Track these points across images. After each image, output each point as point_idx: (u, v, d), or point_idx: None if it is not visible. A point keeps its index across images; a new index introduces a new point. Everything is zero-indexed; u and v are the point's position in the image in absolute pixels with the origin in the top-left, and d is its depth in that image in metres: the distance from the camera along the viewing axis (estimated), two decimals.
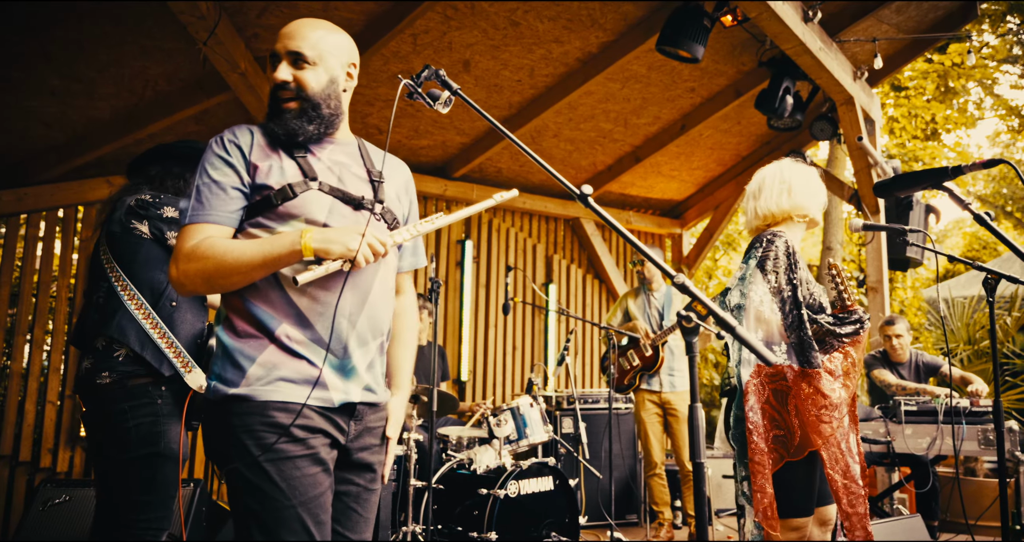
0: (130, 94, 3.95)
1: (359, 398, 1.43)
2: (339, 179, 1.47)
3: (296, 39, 1.44)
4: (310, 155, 1.47)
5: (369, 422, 1.48)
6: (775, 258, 2.03)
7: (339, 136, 1.53)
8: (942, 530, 4.21)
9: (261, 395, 1.33)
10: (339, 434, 1.41)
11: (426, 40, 4.09)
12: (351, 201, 1.45)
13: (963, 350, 5.68)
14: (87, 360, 2.06)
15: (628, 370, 4.39)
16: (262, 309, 1.38)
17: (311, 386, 1.35)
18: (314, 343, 1.38)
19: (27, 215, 4.24)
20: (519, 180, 5.94)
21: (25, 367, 4.14)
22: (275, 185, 1.39)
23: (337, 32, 1.50)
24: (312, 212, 1.40)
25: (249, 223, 1.41)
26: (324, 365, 1.37)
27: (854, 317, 2.05)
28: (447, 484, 3.49)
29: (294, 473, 1.31)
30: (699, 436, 1.20)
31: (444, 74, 1.47)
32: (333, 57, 1.47)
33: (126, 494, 1.99)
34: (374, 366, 1.48)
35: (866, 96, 4.98)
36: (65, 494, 3.05)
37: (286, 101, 1.43)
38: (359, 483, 1.47)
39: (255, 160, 1.42)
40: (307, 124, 1.43)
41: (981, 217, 1.50)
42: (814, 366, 1.93)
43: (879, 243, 4.99)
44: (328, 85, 1.46)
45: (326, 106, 1.45)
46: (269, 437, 1.31)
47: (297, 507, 1.30)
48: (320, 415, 1.38)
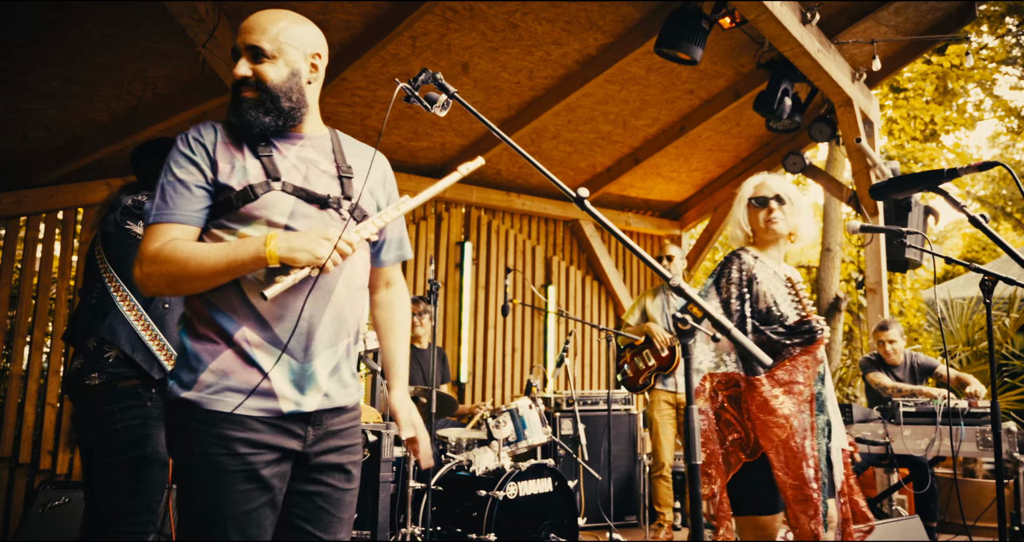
0: (129, 96, 3.96)
1: (314, 406, 1.38)
2: (305, 177, 1.43)
3: (255, 33, 1.40)
4: (276, 152, 1.43)
5: (333, 425, 1.44)
6: (728, 276, 2.21)
7: (308, 131, 1.49)
8: (941, 531, 4.21)
9: (207, 403, 1.32)
10: (294, 442, 1.38)
11: (425, 42, 4.10)
12: (316, 200, 1.41)
13: (962, 351, 5.68)
14: (78, 360, 2.05)
15: (643, 370, 4.38)
16: (222, 312, 1.36)
17: (258, 397, 1.33)
18: (272, 345, 1.35)
19: (27, 217, 4.25)
20: (518, 182, 5.95)
21: (25, 369, 4.14)
22: (237, 186, 1.36)
23: (299, 22, 1.46)
24: (273, 214, 1.36)
25: (213, 224, 1.38)
26: (277, 371, 1.34)
27: (804, 327, 2.16)
28: (446, 486, 3.49)
29: (225, 488, 1.31)
30: (695, 438, 1.20)
31: (441, 77, 1.47)
32: (294, 49, 1.43)
33: (112, 496, 1.97)
34: (339, 369, 1.44)
35: (864, 98, 4.98)
36: (64, 496, 3.06)
37: (245, 90, 1.40)
38: (329, 483, 1.43)
39: (219, 159, 1.39)
40: (263, 116, 1.39)
41: (976, 219, 1.50)
42: (754, 374, 2.09)
43: (878, 244, 4.99)
44: (289, 78, 1.42)
45: (286, 99, 1.41)
46: (210, 448, 1.31)
47: (225, 521, 1.31)
48: (270, 426, 1.34)
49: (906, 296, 8.79)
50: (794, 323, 2.18)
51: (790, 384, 2.09)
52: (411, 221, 5.56)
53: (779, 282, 2.24)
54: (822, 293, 8.47)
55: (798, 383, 2.09)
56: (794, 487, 2.02)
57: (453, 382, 5.57)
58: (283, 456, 1.37)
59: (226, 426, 1.32)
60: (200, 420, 1.33)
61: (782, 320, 2.18)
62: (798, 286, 2.26)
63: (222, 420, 1.32)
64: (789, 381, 2.09)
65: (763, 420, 2.04)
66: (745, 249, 2.29)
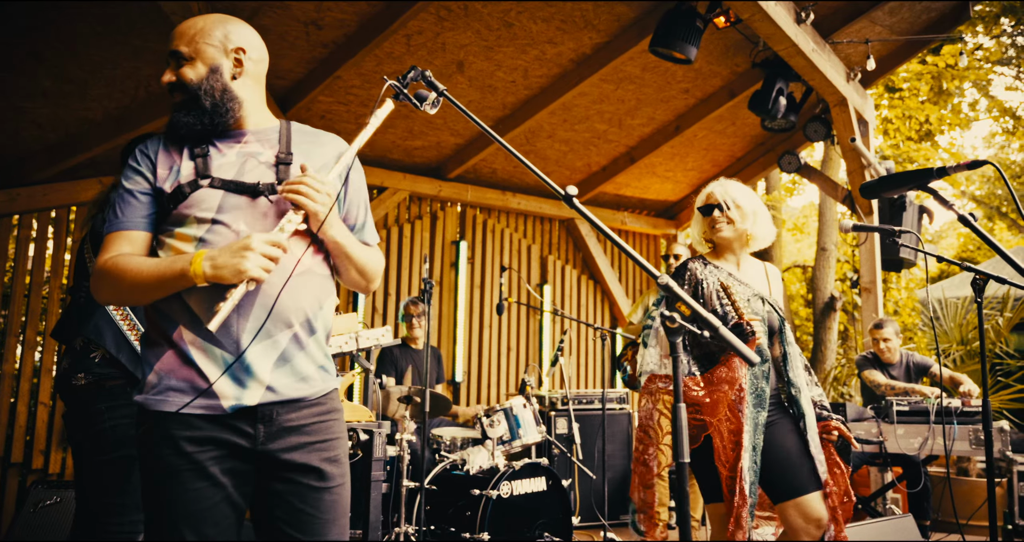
0: (122, 95, 3.95)
1: (256, 400, 1.35)
2: (239, 170, 1.43)
3: (174, 40, 1.45)
4: (215, 151, 1.44)
5: (290, 421, 1.39)
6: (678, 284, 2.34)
7: (251, 126, 1.48)
8: (934, 530, 4.23)
9: (152, 405, 1.35)
10: (242, 439, 1.36)
11: (419, 41, 4.09)
12: (246, 190, 1.40)
13: (956, 350, 5.69)
14: (65, 359, 2.05)
15: None
16: (163, 313, 1.39)
17: (195, 395, 1.33)
18: (206, 341, 1.34)
19: (19, 216, 4.23)
20: (514, 180, 5.94)
21: (17, 368, 4.13)
22: (170, 188, 1.40)
23: (220, 22, 1.48)
24: (200, 211, 1.38)
25: (159, 229, 1.42)
26: (213, 368, 1.33)
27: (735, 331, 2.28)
28: (440, 485, 3.49)
29: (177, 488, 1.32)
30: (682, 436, 1.20)
31: (431, 75, 1.47)
32: (211, 47, 1.45)
33: (102, 495, 1.97)
34: (289, 361, 1.39)
35: (859, 97, 4.99)
36: (56, 495, 3.05)
37: (175, 95, 1.44)
38: (301, 483, 1.39)
39: (159, 165, 1.43)
40: (185, 116, 1.41)
41: (966, 218, 1.51)
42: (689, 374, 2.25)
43: (872, 244, 5.00)
44: (208, 75, 1.43)
45: (207, 97, 1.42)
46: (159, 449, 1.34)
47: (178, 521, 1.32)
48: (213, 423, 1.34)
49: (901, 295, 8.81)
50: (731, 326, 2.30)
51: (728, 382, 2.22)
52: (406, 220, 5.56)
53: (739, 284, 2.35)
54: (817, 292, 8.48)
55: (734, 380, 2.22)
56: (730, 478, 2.15)
57: (448, 381, 5.56)
58: (231, 453, 1.36)
59: (171, 425, 1.33)
60: (148, 421, 1.36)
61: (727, 323, 2.31)
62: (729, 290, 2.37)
63: (167, 420, 1.33)
64: (726, 379, 2.23)
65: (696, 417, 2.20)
66: (699, 257, 2.43)
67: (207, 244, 1.37)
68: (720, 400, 2.20)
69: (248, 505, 1.42)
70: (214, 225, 1.37)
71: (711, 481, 2.25)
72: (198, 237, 1.37)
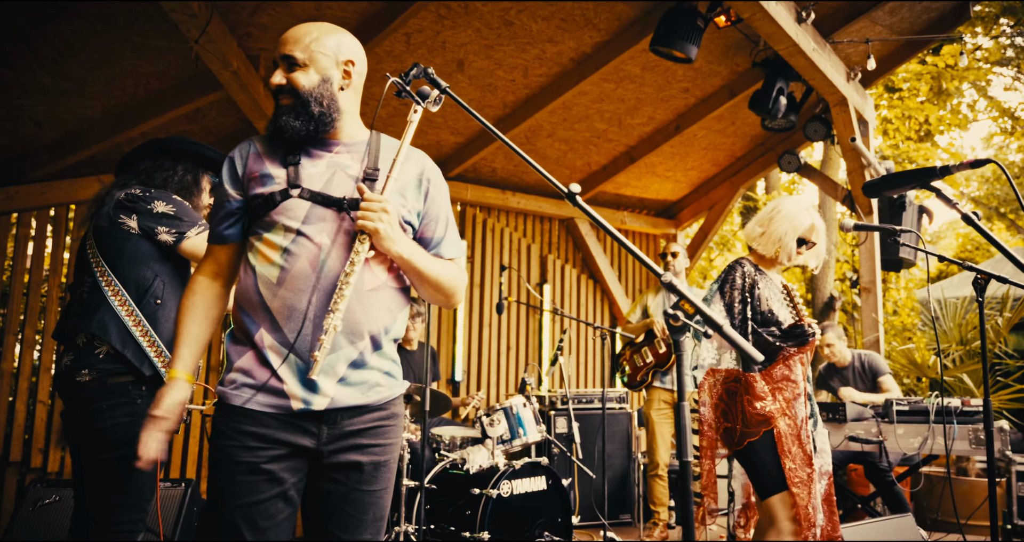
0: (121, 93, 3.94)
1: (324, 406, 1.42)
2: (328, 182, 1.47)
3: (288, 44, 1.49)
4: (308, 159, 1.49)
5: (353, 425, 1.46)
6: (732, 282, 2.47)
7: (345, 137, 1.54)
8: (934, 529, 4.23)
9: (229, 399, 1.43)
10: (307, 439, 1.42)
11: (419, 39, 4.09)
12: (332, 203, 1.45)
13: (955, 350, 5.69)
14: (67, 357, 2.02)
15: (641, 367, 4.37)
16: (246, 314, 1.46)
17: (270, 395, 1.40)
18: (281, 346, 1.41)
19: (18, 214, 4.22)
20: (513, 180, 5.94)
21: (16, 367, 4.12)
22: (262, 194, 1.45)
23: (333, 32, 1.53)
24: (287, 220, 1.43)
25: (250, 230, 1.49)
26: (286, 371, 1.40)
27: (798, 330, 2.40)
28: (440, 484, 3.48)
29: (236, 478, 1.39)
30: (686, 434, 1.20)
31: (433, 72, 1.47)
32: (325, 57, 1.50)
33: (101, 495, 1.95)
34: (359, 370, 1.45)
35: (859, 97, 4.99)
36: (55, 494, 3.04)
37: (282, 98, 1.49)
38: (345, 483, 1.45)
39: (251, 170, 1.49)
40: (293, 120, 1.46)
41: (969, 217, 1.50)
42: (751, 371, 2.35)
43: (872, 244, 5.00)
44: (320, 84, 1.49)
45: (316, 104, 1.47)
46: (227, 440, 1.40)
47: (233, 510, 1.37)
48: (281, 422, 1.40)
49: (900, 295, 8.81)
50: (789, 326, 2.42)
51: (785, 380, 2.33)
52: None
53: (775, 289, 2.50)
54: (817, 292, 8.48)
55: (792, 380, 2.33)
56: (792, 470, 2.26)
57: (448, 380, 5.56)
58: (294, 452, 1.42)
59: (241, 420, 1.40)
60: (223, 413, 1.43)
61: (779, 323, 2.43)
62: (793, 293, 2.51)
63: (238, 414, 1.41)
64: (784, 378, 2.34)
65: (753, 414, 2.28)
66: (747, 259, 2.55)
67: (291, 255, 1.42)
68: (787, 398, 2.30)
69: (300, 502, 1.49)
70: (298, 236, 1.43)
71: (768, 474, 2.32)
72: (283, 247, 1.43)
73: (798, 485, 2.25)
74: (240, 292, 1.48)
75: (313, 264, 1.42)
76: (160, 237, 2.05)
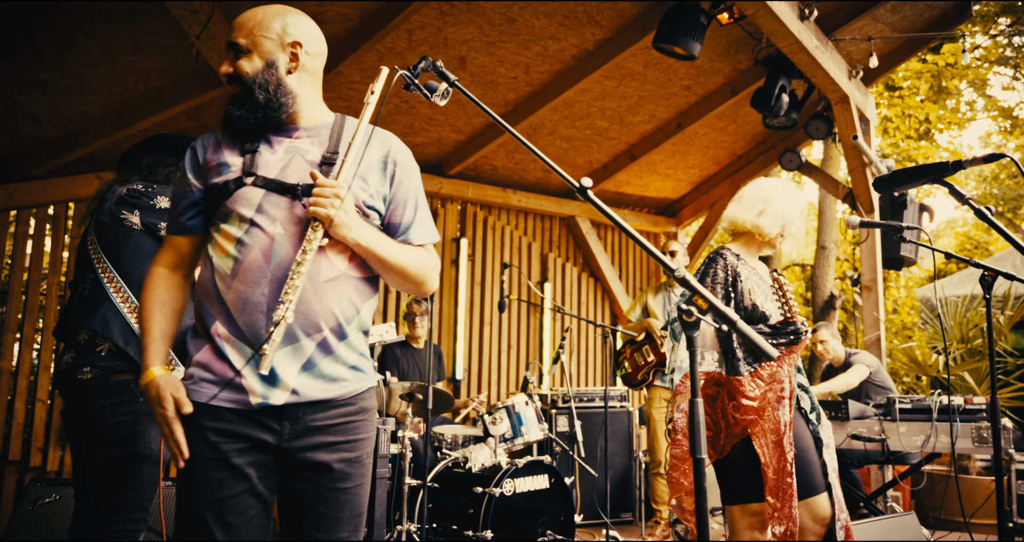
0: (121, 89, 3.91)
1: (283, 401, 1.37)
2: (283, 168, 1.42)
3: (234, 31, 1.47)
4: (266, 146, 1.44)
5: (317, 421, 1.40)
6: (714, 274, 2.26)
7: (305, 120, 1.48)
8: (936, 528, 4.23)
9: (190, 395, 1.39)
10: (268, 435, 1.38)
11: (421, 36, 4.07)
12: (286, 190, 1.40)
13: (956, 349, 5.70)
14: (68, 354, 2.00)
15: (642, 366, 4.36)
16: (204, 306, 1.43)
17: (229, 389, 1.37)
18: (238, 339, 1.37)
19: (17, 211, 4.19)
20: (514, 178, 5.92)
21: (15, 365, 4.09)
22: (218, 183, 1.42)
23: (278, 14, 1.47)
24: (241, 208, 1.39)
25: (210, 223, 1.46)
26: (245, 366, 1.36)
27: (789, 329, 2.21)
28: (442, 483, 3.47)
29: (201, 474, 1.36)
30: (700, 432, 1.18)
31: (441, 65, 1.45)
32: (268, 40, 1.45)
33: (102, 494, 1.93)
34: (318, 363, 1.39)
35: (861, 95, 4.98)
36: (55, 493, 3.02)
37: (232, 87, 1.46)
38: (316, 482, 1.41)
39: (209, 159, 1.46)
40: (238, 109, 1.43)
41: (982, 211, 1.49)
42: (738, 374, 2.14)
43: (873, 242, 5.00)
44: (264, 69, 1.43)
45: (260, 90, 1.42)
46: (188, 436, 1.38)
47: (201, 507, 1.35)
48: (241, 417, 1.37)
49: (900, 294, 8.82)
50: (779, 323, 2.23)
51: (772, 381, 2.15)
52: None
53: (761, 281, 2.30)
54: (817, 291, 8.48)
55: (780, 381, 2.16)
56: (774, 478, 2.10)
57: (449, 379, 5.54)
58: (256, 446, 1.38)
59: (201, 416, 1.37)
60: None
61: (765, 318, 2.23)
62: (785, 287, 2.32)
63: (198, 410, 1.37)
64: (771, 378, 2.16)
65: (739, 418, 2.12)
66: (728, 248, 2.35)
67: (244, 246, 1.38)
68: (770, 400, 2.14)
69: (274, 497, 1.45)
70: (252, 226, 1.39)
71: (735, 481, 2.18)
72: (237, 238, 1.39)
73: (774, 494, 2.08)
74: (199, 284, 1.45)
75: (266, 254, 1.37)
76: (163, 233, 2.03)
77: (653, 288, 4.55)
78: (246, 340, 1.36)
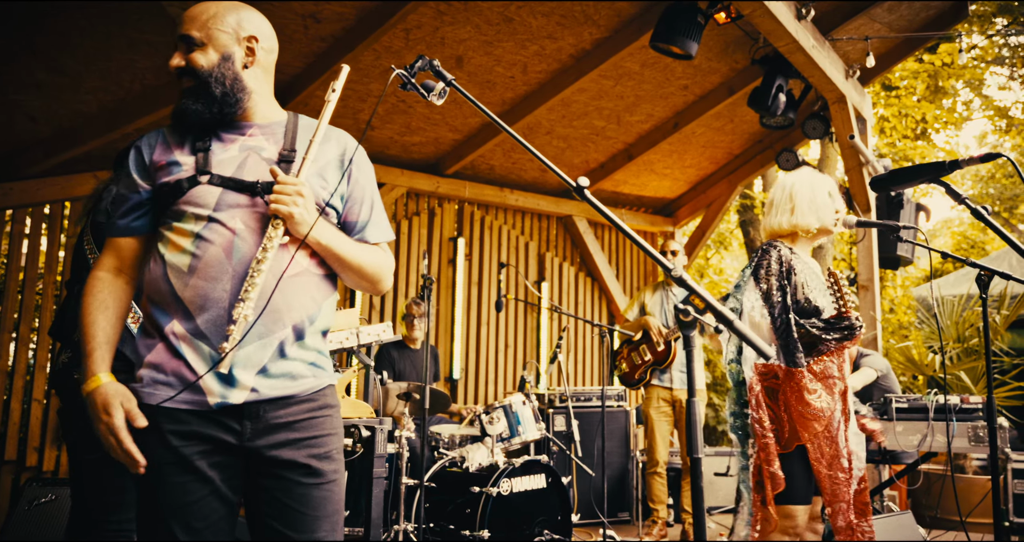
0: (117, 88, 3.90)
1: (242, 399, 1.34)
2: (240, 166, 1.40)
3: (185, 23, 1.42)
4: (218, 144, 1.42)
5: (279, 418, 1.37)
6: (767, 267, 2.22)
7: (259, 118, 1.46)
8: (932, 526, 4.24)
9: (142, 398, 1.34)
10: (228, 435, 1.34)
11: (418, 35, 4.07)
12: (245, 188, 1.38)
13: (952, 348, 5.71)
14: (65, 354, 2.00)
15: (640, 365, 4.36)
16: (156, 305, 1.38)
17: (181, 390, 1.32)
18: (195, 337, 1.33)
19: (12, 211, 4.18)
20: (512, 177, 5.92)
21: (11, 365, 4.08)
22: (169, 182, 1.38)
23: (233, 8, 1.46)
24: (200, 206, 1.36)
25: (159, 222, 1.41)
26: (200, 363, 1.32)
27: (844, 323, 2.17)
28: (439, 482, 3.47)
29: (164, 480, 1.32)
30: (697, 431, 1.18)
31: (438, 64, 1.44)
32: (223, 34, 1.42)
33: (99, 494, 1.93)
34: (278, 360, 1.37)
35: (858, 95, 4.99)
36: (51, 493, 3.01)
37: (184, 81, 1.42)
38: (288, 478, 1.37)
39: (157, 159, 1.41)
40: (194, 103, 1.39)
41: (978, 211, 1.50)
42: (798, 366, 2.10)
43: (870, 241, 5.01)
44: (220, 63, 1.41)
45: (217, 84, 1.40)
46: (145, 441, 1.32)
47: (165, 514, 1.32)
48: (199, 418, 1.33)
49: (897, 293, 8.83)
50: (833, 317, 2.20)
51: (826, 378, 2.13)
52: (404, 216, 5.53)
53: (815, 276, 2.27)
54: None
55: (834, 377, 2.13)
56: (830, 478, 2.07)
57: (446, 378, 5.54)
58: (217, 448, 1.34)
59: (158, 418, 1.32)
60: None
61: (818, 312, 2.20)
62: (840, 280, 2.28)
63: (154, 413, 1.32)
64: (825, 375, 2.13)
65: (800, 412, 2.07)
66: (781, 242, 2.31)
67: (204, 241, 1.35)
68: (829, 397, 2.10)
69: (240, 499, 1.41)
70: (210, 222, 1.35)
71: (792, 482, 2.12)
72: (195, 233, 1.35)
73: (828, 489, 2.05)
74: (149, 283, 1.40)
75: (227, 250, 1.34)
76: None
77: (651, 287, 4.55)
78: (204, 338, 1.33)
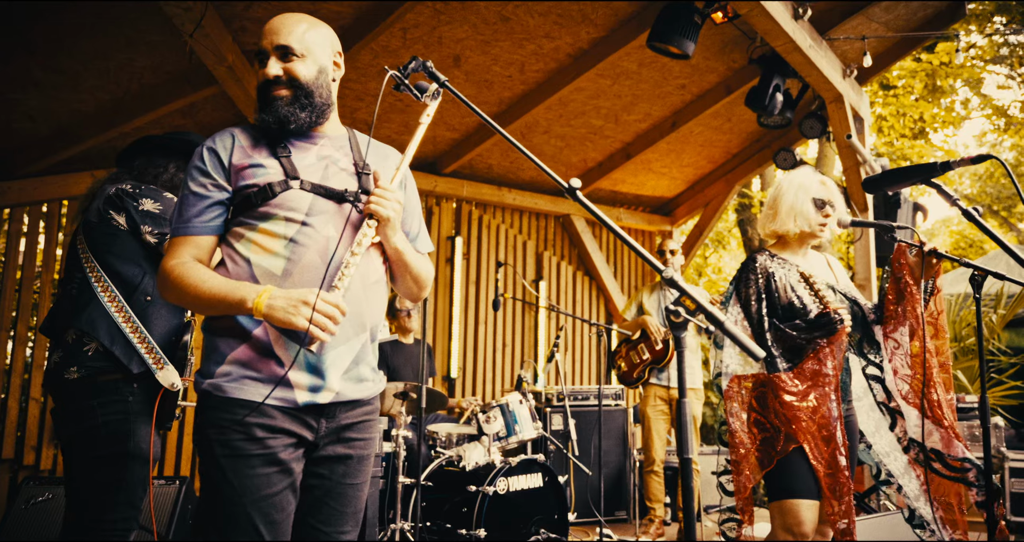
0: (115, 87, 3.90)
1: (328, 399, 1.42)
2: (323, 175, 1.48)
3: (282, 34, 1.47)
4: (296, 151, 1.48)
5: (346, 419, 1.47)
6: (746, 280, 2.30)
7: (328, 129, 1.55)
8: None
9: (227, 391, 1.37)
10: (307, 432, 1.42)
11: (416, 34, 4.07)
12: (334, 196, 1.46)
13: (950, 347, 5.73)
14: (56, 353, 2.00)
15: (638, 364, 4.37)
16: None
17: (273, 385, 1.36)
18: (288, 338, 1.39)
19: (10, 209, 4.18)
20: (510, 176, 5.92)
21: (8, 364, 4.08)
22: (255, 185, 1.42)
23: (320, 25, 1.55)
24: (292, 210, 1.42)
25: (234, 222, 1.45)
26: (294, 364, 1.38)
27: (823, 320, 2.20)
28: (436, 481, 3.47)
29: (247, 472, 1.35)
30: (687, 431, 1.19)
31: (432, 65, 1.46)
32: (319, 48, 1.51)
33: (93, 493, 1.94)
34: (357, 365, 1.46)
35: (855, 94, 5.00)
36: (48, 492, 3.02)
37: (277, 89, 1.46)
38: (331, 478, 1.46)
39: (236, 162, 1.45)
40: (299, 111, 1.45)
41: (969, 212, 1.50)
42: (775, 370, 2.16)
43: (867, 241, 5.02)
44: (318, 75, 1.49)
45: (318, 95, 1.48)
46: (228, 434, 1.35)
47: (247, 506, 1.34)
48: (285, 414, 1.39)
49: None
50: (814, 316, 2.23)
51: (817, 375, 2.15)
52: None
53: (808, 275, 2.30)
54: None
55: (826, 374, 2.15)
56: (829, 475, 2.08)
57: (444, 377, 5.55)
58: (298, 443, 1.41)
59: (243, 413, 1.36)
60: (218, 407, 1.37)
61: (804, 313, 2.23)
62: (812, 279, 2.31)
63: (240, 407, 1.36)
64: (815, 373, 2.16)
65: (789, 415, 2.11)
66: (762, 251, 2.37)
67: (298, 245, 1.40)
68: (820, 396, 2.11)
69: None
70: (304, 227, 1.41)
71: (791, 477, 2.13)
72: (289, 237, 1.41)
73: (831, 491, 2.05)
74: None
75: (323, 255, 1.41)
76: (145, 237, 2.04)
77: (649, 287, 4.56)
78: (299, 340, 1.37)
